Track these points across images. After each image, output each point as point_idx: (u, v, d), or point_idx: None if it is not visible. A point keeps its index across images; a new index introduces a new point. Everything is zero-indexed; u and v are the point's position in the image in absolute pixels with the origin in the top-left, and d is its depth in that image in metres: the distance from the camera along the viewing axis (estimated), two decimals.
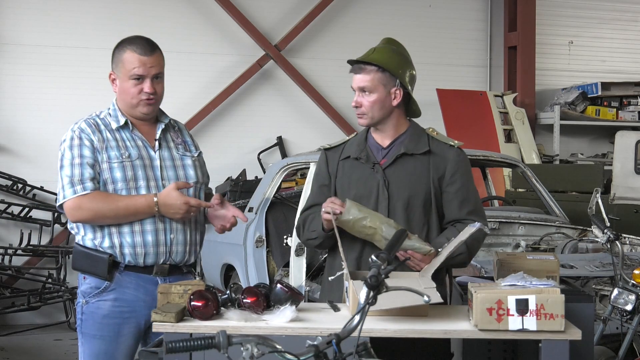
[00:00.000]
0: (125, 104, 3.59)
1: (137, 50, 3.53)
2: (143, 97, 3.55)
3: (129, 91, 3.55)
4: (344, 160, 3.77)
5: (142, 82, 3.53)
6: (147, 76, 3.53)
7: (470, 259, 3.73)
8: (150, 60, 3.53)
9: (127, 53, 3.53)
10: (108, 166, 3.50)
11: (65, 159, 3.51)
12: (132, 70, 3.52)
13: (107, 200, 3.46)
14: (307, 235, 3.75)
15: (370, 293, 2.37)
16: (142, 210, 3.48)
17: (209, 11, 10.06)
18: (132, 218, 3.50)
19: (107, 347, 3.53)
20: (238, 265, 6.97)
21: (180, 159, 3.66)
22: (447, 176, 3.67)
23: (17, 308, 8.50)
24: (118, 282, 3.53)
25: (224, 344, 2.25)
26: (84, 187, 3.46)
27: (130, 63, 3.52)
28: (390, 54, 3.67)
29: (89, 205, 3.46)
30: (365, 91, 3.64)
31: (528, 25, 11.06)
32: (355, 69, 3.66)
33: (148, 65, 3.53)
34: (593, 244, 5.81)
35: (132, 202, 3.47)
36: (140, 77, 3.53)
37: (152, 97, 3.55)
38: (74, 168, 3.48)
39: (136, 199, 3.48)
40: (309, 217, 3.76)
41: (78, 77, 9.46)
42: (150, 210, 3.48)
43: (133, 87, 3.54)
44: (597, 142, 11.56)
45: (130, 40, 3.58)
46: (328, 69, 10.39)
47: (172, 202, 3.46)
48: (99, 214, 3.47)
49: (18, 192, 9.13)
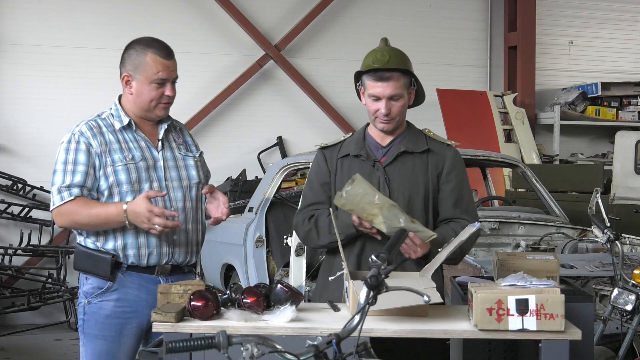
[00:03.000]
0: (140, 106, 3.55)
1: (160, 54, 3.50)
2: (164, 101, 3.54)
3: (150, 94, 3.52)
4: (342, 158, 3.80)
5: (163, 86, 3.52)
6: (169, 80, 3.52)
7: (462, 258, 3.79)
8: (172, 64, 3.53)
9: (149, 56, 3.49)
10: (112, 169, 3.48)
11: (59, 162, 3.50)
12: (157, 75, 3.49)
13: (83, 207, 3.44)
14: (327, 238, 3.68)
15: (370, 293, 2.37)
16: (112, 218, 3.42)
17: (209, 11, 10.06)
18: (105, 226, 3.46)
19: (109, 347, 3.53)
20: (238, 265, 6.97)
21: (182, 160, 3.66)
22: (444, 174, 3.75)
23: (17, 308, 8.49)
24: (120, 283, 3.53)
25: (224, 344, 2.25)
26: (70, 192, 3.45)
27: (153, 67, 3.49)
28: (403, 55, 3.73)
29: (67, 211, 3.46)
30: (394, 98, 3.66)
31: (528, 25, 11.06)
32: (379, 77, 3.66)
33: (171, 69, 3.52)
34: (593, 244, 5.81)
35: (103, 210, 3.43)
36: (163, 81, 3.51)
37: (171, 101, 3.56)
38: (66, 175, 3.47)
39: (108, 207, 3.44)
40: (320, 218, 3.73)
41: (78, 77, 9.46)
42: (119, 219, 3.41)
43: (154, 90, 3.51)
44: (597, 142, 11.56)
45: (148, 43, 3.53)
46: (328, 69, 10.39)
47: (138, 210, 3.37)
48: (75, 220, 3.47)
49: (18, 192, 9.12)
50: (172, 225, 3.41)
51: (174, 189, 3.58)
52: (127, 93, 3.57)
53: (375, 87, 3.66)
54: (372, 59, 3.69)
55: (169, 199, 3.56)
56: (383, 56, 3.67)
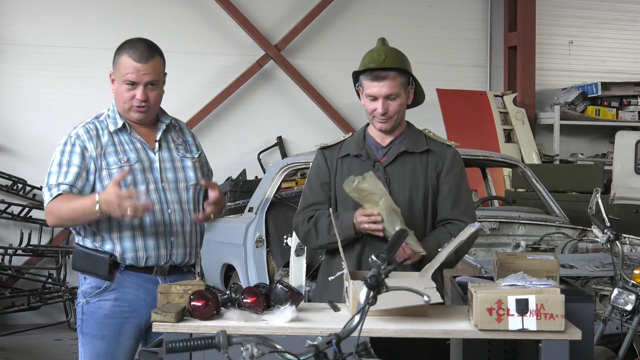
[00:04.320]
0: (119, 107, 3.56)
1: (134, 55, 3.47)
2: (135, 104, 3.51)
3: (122, 95, 3.52)
4: (342, 158, 3.80)
5: (134, 89, 3.49)
6: (140, 83, 3.48)
7: (458, 262, 3.77)
8: (144, 68, 3.47)
9: (124, 57, 3.49)
10: (107, 172, 3.48)
11: (54, 164, 3.51)
12: (126, 76, 3.48)
13: (64, 202, 3.42)
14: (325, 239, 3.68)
15: (370, 293, 2.37)
16: (88, 209, 3.36)
17: (209, 11, 10.06)
18: (84, 219, 3.42)
19: (108, 347, 3.53)
20: (238, 265, 6.97)
21: (180, 160, 3.64)
22: (443, 174, 3.75)
23: (17, 308, 8.49)
24: (119, 282, 3.53)
25: (224, 344, 2.25)
26: (58, 188, 3.45)
27: (124, 68, 3.49)
28: (399, 54, 3.72)
29: (52, 208, 3.45)
30: (391, 97, 3.67)
31: (528, 25, 11.05)
32: (375, 77, 3.66)
33: (141, 72, 3.47)
34: (593, 244, 5.81)
35: (80, 202, 3.40)
36: (133, 83, 3.49)
37: (144, 105, 3.51)
38: (59, 176, 3.46)
39: (84, 199, 3.40)
40: (319, 219, 3.72)
41: (78, 77, 9.46)
42: (93, 209, 3.34)
43: (126, 91, 3.51)
44: (597, 142, 11.56)
45: (130, 44, 3.52)
46: (328, 69, 10.39)
47: (108, 197, 3.32)
48: (59, 216, 3.45)
49: (18, 192, 9.12)
50: (142, 208, 3.33)
51: (171, 190, 3.57)
52: (112, 92, 3.60)
53: (371, 87, 3.67)
54: (368, 59, 3.69)
55: (166, 201, 3.54)
56: (379, 56, 3.67)
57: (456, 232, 3.53)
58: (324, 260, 3.92)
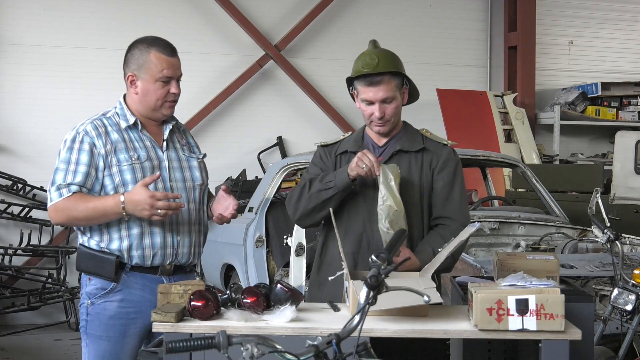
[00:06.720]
0: (147, 106, 3.54)
1: (165, 51, 3.49)
2: (169, 99, 3.53)
3: (155, 93, 3.51)
4: (340, 154, 3.84)
5: (169, 84, 3.51)
6: (174, 77, 3.52)
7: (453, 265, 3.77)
8: (176, 62, 3.53)
9: (153, 55, 3.48)
10: (118, 169, 3.46)
11: (61, 161, 3.48)
12: (162, 72, 3.48)
13: (79, 202, 3.40)
14: (317, 186, 3.67)
15: (370, 293, 2.37)
16: (110, 210, 3.38)
17: (209, 11, 10.06)
18: (103, 219, 3.43)
19: (113, 348, 3.52)
20: (238, 265, 6.97)
21: (186, 160, 3.65)
22: (436, 172, 3.76)
23: (17, 308, 8.49)
24: (124, 283, 3.52)
25: (224, 344, 2.25)
26: (69, 189, 3.43)
27: (158, 64, 3.48)
28: (392, 56, 3.72)
29: (63, 207, 3.42)
30: (387, 101, 3.67)
31: (528, 25, 11.06)
32: (370, 82, 3.66)
33: (175, 66, 3.52)
34: (593, 244, 5.81)
35: (100, 202, 3.40)
36: (168, 79, 3.50)
37: (176, 99, 3.56)
38: (67, 174, 3.44)
39: (105, 200, 3.41)
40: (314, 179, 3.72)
41: (78, 77, 9.46)
42: (117, 210, 3.37)
43: (160, 89, 3.50)
44: (597, 142, 11.56)
45: (151, 42, 3.52)
46: (328, 69, 10.39)
47: (137, 197, 3.34)
48: (72, 216, 3.43)
49: (18, 192, 9.13)
50: (175, 207, 3.38)
51: (178, 189, 3.57)
52: (132, 93, 3.55)
53: (367, 92, 3.67)
54: (361, 64, 3.69)
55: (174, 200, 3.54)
56: (372, 60, 3.67)
57: (448, 235, 3.54)
58: (316, 255, 3.91)
